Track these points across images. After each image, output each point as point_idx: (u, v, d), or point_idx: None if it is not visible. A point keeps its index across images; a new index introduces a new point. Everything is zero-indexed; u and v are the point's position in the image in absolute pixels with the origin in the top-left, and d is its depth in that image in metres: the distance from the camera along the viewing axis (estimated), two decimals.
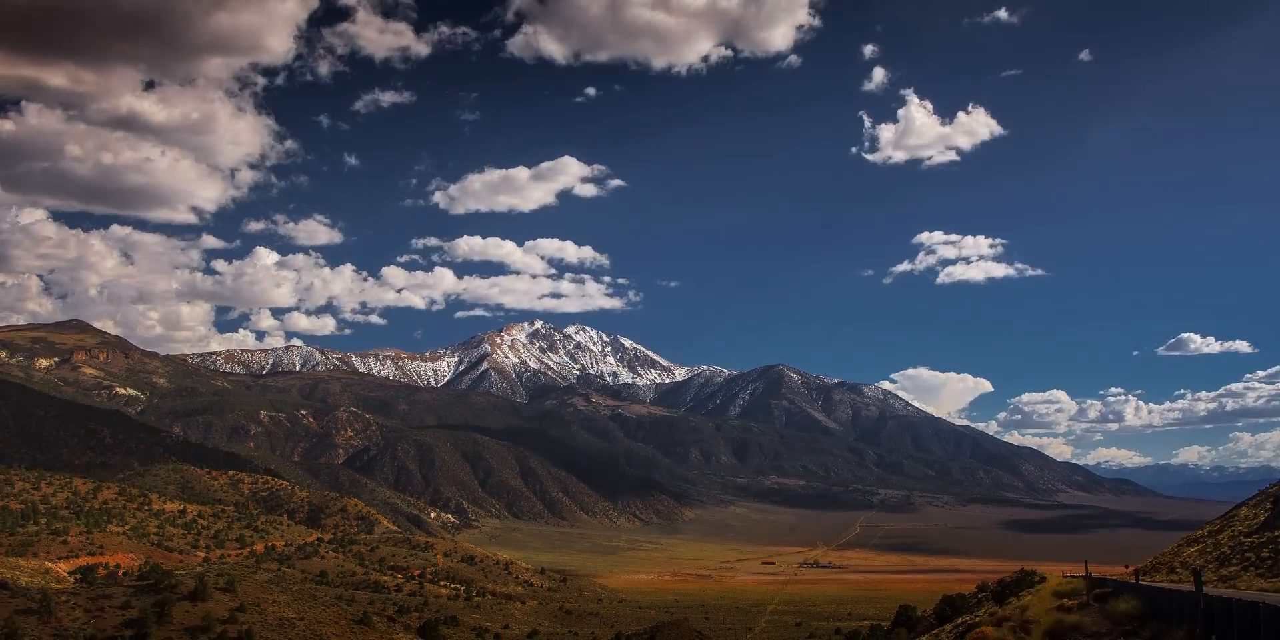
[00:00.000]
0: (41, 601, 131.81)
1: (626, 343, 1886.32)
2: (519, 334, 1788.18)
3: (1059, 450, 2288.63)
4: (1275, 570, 51.64)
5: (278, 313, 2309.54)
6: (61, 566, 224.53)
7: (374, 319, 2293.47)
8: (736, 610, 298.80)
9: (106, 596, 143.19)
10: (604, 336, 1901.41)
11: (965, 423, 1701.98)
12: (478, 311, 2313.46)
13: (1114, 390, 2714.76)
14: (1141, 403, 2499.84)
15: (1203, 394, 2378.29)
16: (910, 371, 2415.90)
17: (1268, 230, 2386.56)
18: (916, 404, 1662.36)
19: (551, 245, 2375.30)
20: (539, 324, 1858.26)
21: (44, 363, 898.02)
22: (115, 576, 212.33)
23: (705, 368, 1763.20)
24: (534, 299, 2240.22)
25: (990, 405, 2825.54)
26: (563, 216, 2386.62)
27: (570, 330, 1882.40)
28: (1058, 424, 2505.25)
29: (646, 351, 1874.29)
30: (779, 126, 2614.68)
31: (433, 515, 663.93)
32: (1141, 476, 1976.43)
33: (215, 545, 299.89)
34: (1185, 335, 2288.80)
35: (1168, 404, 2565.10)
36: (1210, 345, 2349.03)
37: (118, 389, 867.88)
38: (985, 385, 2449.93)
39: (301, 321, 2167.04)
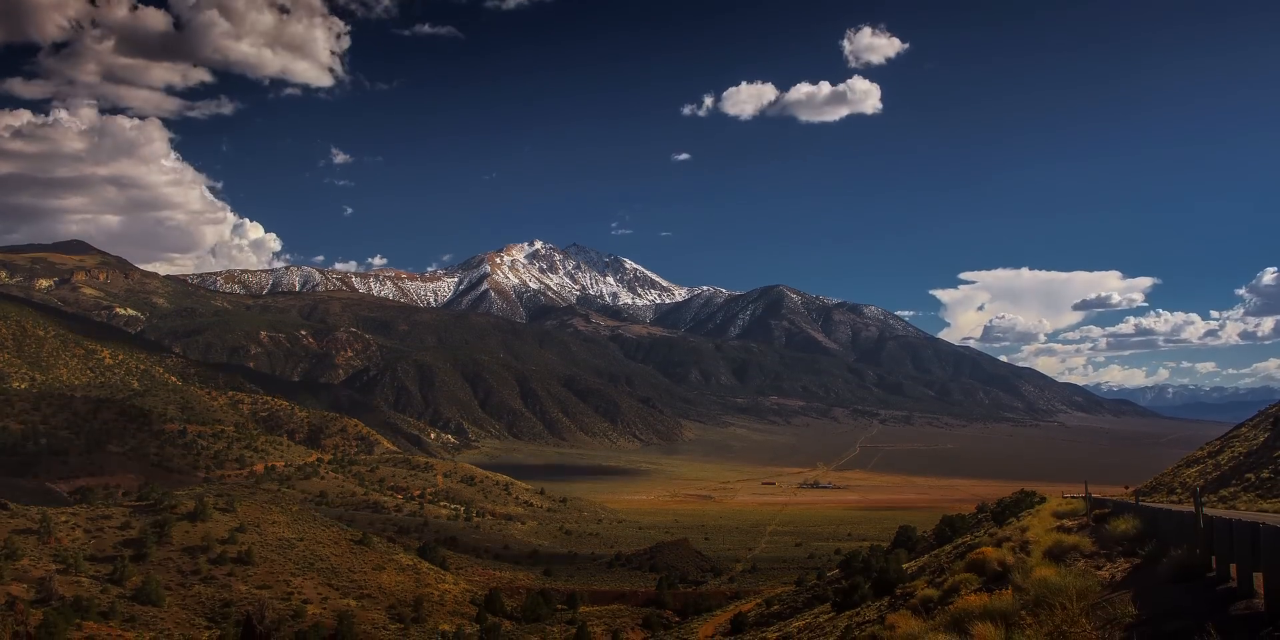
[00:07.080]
0: (41, 521, 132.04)
1: (627, 263, 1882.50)
2: (519, 254, 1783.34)
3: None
4: (1275, 491, 50.97)
5: None
6: (61, 486, 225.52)
7: None
8: (736, 531, 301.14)
9: (106, 517, 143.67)
10: (604, 257, 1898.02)
11: (967, 344, 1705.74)
12: None
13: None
14: None
15: None
16: (985, 273, 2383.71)
17: None
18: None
19: None
20: (539, 244, 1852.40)
21: (44, 283, 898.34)
22: (114, 497, 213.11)
23: (705, 288, 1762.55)
24: None
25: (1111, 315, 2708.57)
26: None
27: (570, 250, 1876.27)
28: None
29: (646, 272, 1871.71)
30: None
31: (433, 436, 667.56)
32: (1141, 397, 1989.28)
33: (215, 466, 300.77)
34: None
35: None
36: None
37: (118, 309, 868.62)
38: (1145, 282, 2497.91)
39: None
